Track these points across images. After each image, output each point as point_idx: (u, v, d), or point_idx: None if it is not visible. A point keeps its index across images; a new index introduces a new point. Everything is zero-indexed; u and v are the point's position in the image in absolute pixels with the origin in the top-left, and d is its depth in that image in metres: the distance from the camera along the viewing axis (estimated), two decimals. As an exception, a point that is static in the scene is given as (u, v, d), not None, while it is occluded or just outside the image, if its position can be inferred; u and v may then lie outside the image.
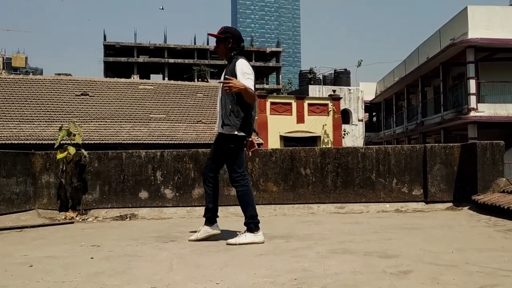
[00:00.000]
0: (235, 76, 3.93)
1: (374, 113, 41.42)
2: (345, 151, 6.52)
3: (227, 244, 3.93)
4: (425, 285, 2.50)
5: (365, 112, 34.98)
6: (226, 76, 3.96)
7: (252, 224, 3.98)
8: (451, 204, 6.25)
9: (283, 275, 2.78)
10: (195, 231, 4.30)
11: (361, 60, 34.17)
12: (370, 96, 35.77)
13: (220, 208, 4.46)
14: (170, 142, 20.54)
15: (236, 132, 3.98)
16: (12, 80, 24.99)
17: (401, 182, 6.39)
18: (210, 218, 4.21)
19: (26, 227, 5.44)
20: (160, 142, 20.40)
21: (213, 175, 4.15)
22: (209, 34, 4.23)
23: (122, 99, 24.05)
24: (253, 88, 4.01)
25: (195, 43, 60.23)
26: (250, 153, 4.34)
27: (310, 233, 4.50)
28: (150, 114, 23.05)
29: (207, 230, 4.19)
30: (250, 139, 4.24)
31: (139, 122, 22.27)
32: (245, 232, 4.00)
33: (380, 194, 6.37)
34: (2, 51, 68.16)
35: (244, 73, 3.97)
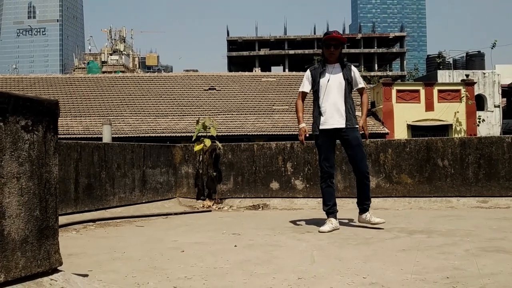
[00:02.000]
0: (351, 78, 4.45)
1: (513, 98, 37.67)
2: (488, 141, 6.02)
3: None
4: None
5: (503, 97, 31.93)
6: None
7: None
8: None
9: (433, 273, 2.65)
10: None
11: (496, 41, 31.23)
12: (508, 79, 32.52)
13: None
14: (293, 133, 20.74)
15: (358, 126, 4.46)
16: (148, 78, 27.17)
17: (556, 174, 5.73)
18: (336, 213, 4.50)
19: (171, 214, 5.88)
20: (284, 133, 20.71)
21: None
22: (331, 37, 4.41)
23: (246, 92, 24.85)
24: None
25: (314, 33, 59.99)
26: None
27: (453, 228, 4.23)
28: (273, 105, 23.50)
29: (336, 223, 4.40)
30: None
31: (263, 114, 22.83)
32: (369, 214, 4.41)
33: (530, 188, 5.78)
34: (137, 51, 74.29)
35: (360, 76, 4.60)
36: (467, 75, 25.74)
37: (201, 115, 15.57)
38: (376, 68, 53.08)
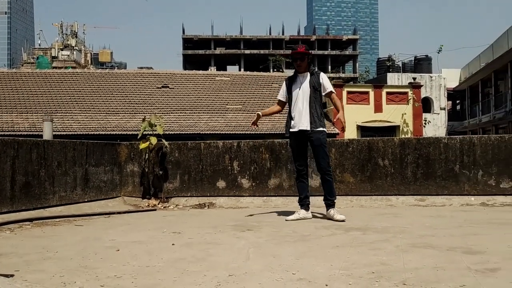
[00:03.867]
0: (318, 84, 4.93)
1: (457, 101, 39.34)
2: (426, 142, 6.26)
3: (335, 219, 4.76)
4: (515, 285, 2.36)
5: (448, 100, 33.31)
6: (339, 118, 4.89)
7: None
8: (544, 198, 5.81)
9: (361, 268, 2.74)
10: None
11: (442, 46, 32.46)
12: (453, 83, 33.97)
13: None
14: (246, 132, 20.82)
15: (325, 129, 4.98)
16: (99, 74, 26.53)
17: (488, 174, 6.03)
18: (307, 205, 5.02)
19: (113, 213, 5.78)
20: (236, 132, 20.73)
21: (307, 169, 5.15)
22: (295, 53, 4.97)
23: (200, 90, 24.69)
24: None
25: (270, 33, 60.41)
26: None
27: (389, 225, 4.38)
28: (227, 105, 23.48)
29: (305, 214, 4.95)
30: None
31: (216, 113, 22.76)
32: (334, 210, 4.89)
33: (464, 187, 6.06)
34: (90, 47, 72.40)
35: (329, 82, 5.04)
36: (414, 78, 26.63)
37: (153, 113, 15.37)
38: (329, 70, 53.99)
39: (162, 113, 21.32)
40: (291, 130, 4.98)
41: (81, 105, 22.47)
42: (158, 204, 6.55)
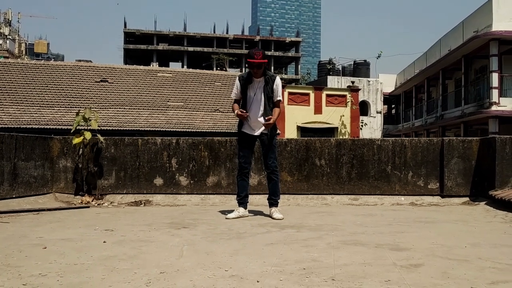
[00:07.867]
0: (272, 91, 4.98)
1: (393, 106, 40.98)
2: (361, 143, 6.47)
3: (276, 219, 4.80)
4: (435, 279, 2.48)
5: (384, 104, 34.58)
6: (268, 121, 4.93)
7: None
8: (467, 198, 6.17)
9: (292, 264, 2.79)
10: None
11: (381, 52, 33.78)
12: (389, 88, 35.34)
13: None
14: (187, 130, 20.63)
15: (278, 132, 4.89)
16: (34, 65, 25.32)
17: (417, 175, 6.32)
18: (246, 203, 5.08)
19: (43, 210, 5.54)
20: (177, 130, 20.49)
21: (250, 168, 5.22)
22: (253, 62, 4.84)
23: (140, 86, 24.18)
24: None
25: (214, 32, 60.20)
26: None
27: (322, 223, 4.49)
28: (168, 101, 23.15)
29: (244, 212, 4.99)
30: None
31: (157, 109, 22.38)
32: (276, 209, 4.98)
33: (395, 187, 6.32)
34: (25, 37, 69.19)
35: (281, 90, 5.11)
36: (352, 82, 27.45)
37: (88, 107, 14.89)
38: (272, 70, 54.59)
39: (100, 108, 20.71)
40: (243, 130, 5.04)
41: (13, 97, 21.39)
42: (92, 201, 6.35)
